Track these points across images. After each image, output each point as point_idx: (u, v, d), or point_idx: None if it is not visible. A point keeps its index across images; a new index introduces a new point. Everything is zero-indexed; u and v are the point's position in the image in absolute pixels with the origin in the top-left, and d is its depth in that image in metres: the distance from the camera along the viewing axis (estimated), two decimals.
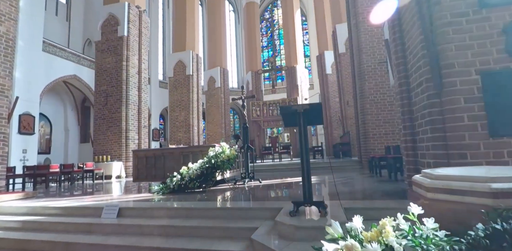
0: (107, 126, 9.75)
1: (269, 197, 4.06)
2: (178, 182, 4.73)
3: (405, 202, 3.03)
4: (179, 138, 14.07)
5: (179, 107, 14.43)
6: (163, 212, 3.45)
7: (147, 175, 5.57)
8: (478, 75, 2.70)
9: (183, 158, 5.39)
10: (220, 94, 17.12)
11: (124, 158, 9.46)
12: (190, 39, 15.33)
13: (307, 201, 2.65)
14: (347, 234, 1.27)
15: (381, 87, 7.93)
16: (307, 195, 2.68)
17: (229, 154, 4.77)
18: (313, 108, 2.74)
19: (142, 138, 10.20)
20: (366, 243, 1.12)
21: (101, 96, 10.05)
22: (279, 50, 25.54)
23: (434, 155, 2.83)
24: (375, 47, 8.10)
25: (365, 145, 8.00)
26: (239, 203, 3.52)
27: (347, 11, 9.16)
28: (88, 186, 7.02)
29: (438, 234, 0.97)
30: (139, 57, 10.75)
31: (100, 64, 10.34)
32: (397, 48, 3.54)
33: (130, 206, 3.72)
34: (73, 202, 4.29)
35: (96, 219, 3.55)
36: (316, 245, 2.14)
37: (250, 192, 4.59)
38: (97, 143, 9.75)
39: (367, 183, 4.71)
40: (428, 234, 0.97)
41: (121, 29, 10.30)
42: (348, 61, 12.84)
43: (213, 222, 3.08)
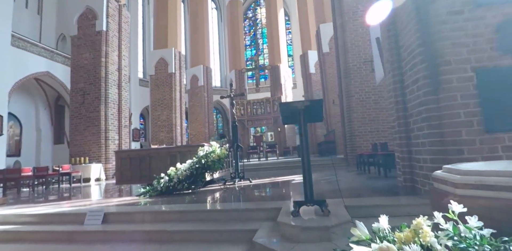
0: (85, 125, 9.23)
1: (263, 197, 3.95)
2: (166, 184, 4.52)
3: (406, 198, 3.04)
4: (161, 138, 13.64)
5: (161, 106, 13.99)
6: (154, 216, 3.25)
7: (131, 177, 5.28)
8: (473, 72, 2.73)
9: (170, 159, 5.16)
10: (203, 93, 16.80)
11: (103, 159, 9.00)
12: (172, 36, 14.91)
13: (309, 200, 2.56)
14: (375, 236, 1.18)
15: (366, 85, 8.05)
16: (308, 195, 2.60)
17: (220, 154, 4.62)
18: (313, 105, 2.66)
19: (123, 139, 9.77)
20: (400, 245, 1.04)
21: (78, 94, 9.51)
22: (262, 49, 25.49)
23: (431, 151, 2.84)
24: (361, 47, 8.20)
25: (351, 143, 8.09)
26: (235, 204, 3.39)
27: (333, 11, 9.23)
28: (66, 190, 6.59)
29: (484, 233, 0.91)
30: (119, 53, 10.28)
31: (76, 60, 9.79)
32: (391, 45, 3.55)
33: (116, 211, 3.47)
34: (50, 208, 3.96)
35: (78, 227, 3.28)
36: (324, 246, 2.06)
37: (242, 193, 4.45)
38: (73, 144, 9.22)
39: (358, 181, 4.72)
40: (476, 234, 0.89)
41: (100, 23, 9.79)
42: (332, 60, 13.00)
43: (209, 225, 2.93)
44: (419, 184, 3.13)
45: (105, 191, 6.03)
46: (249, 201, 3.66)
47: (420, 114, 3.01)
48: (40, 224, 3.50)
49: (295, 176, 6.10)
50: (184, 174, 4.49)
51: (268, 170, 8.37)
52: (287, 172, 7.35)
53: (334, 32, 9.13)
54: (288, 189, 4.48)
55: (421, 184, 3.08)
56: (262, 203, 3.28)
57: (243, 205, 3.28)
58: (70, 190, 6.47)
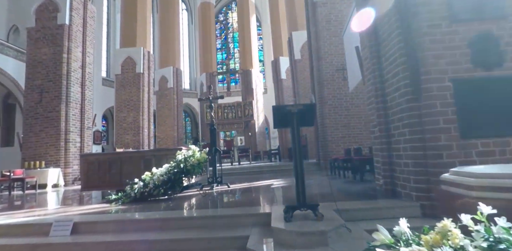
0: (42, 126, 8.41)
1: (247, 202, 3.86)
2: (141, 190, 4.23)
3: (390, 201, 3.15)
4: (126, 141, 12.89)
5: (127, 108, 13.25)
6: (131, 225, 3.01)
7: (99, 183, 4.88)
8: (450, 82, 2.94)
9: (144, 163, 4.87)
10: (172, 95, 16.27)
11: (62, 163, 8.24)
12: (141, 34, 14.30)
13: (302, 205, 2.54)
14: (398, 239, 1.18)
15: (338, 92, 8.36)
16: (301, 199, 2.58)
17: (199, 158, 4.45)
18: (307, 109, 2.67)
19: (85, 141, 9.06)
20: (429, 248, 1.04)
21: (34, 92, 8.66)
22: (233, 53, 25.50)
23: (412, 156, 2.99)
24: (334, 55, 8.53)
25: (324, 147, 8.32)
26: (220, 211, 3.26)
27: (307, 19, 9.51)
28: (19, 197, 5.90)
29: None
30: (83, 49, 9.59)
31: (33, 54, 8.93)
32: (372, 54, 3.71)
33: (87, 219, 3.16)
34: (5, 218, 3.50)
35: (43, 239, 2.93)
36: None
37: (223, 198, 4.33)
38: (27, 146, 8.33)
39: (336, 185, 4.83)
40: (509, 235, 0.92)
41: (62, 16, 9.07)
42: (303, 67, 13.38)
43: (194, 233, 2.78)
44: (399, 187, 3.27)
45: (68, 198, 5.50)
46: (233, 207, 3.56)
47: (401, 120, 3.17)
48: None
49: (273, 181, 6.09)
50: (161, 179, 4.25)
51: (242, 175, 8.27)
52: (263, 176, 7.33)
53: (308, 40, 9.41)
54: (271, 194, 4.44)
55: (401, 187, 3.22)
56: (249, 209, 3.20)
57: (229, 211, 3.17)
58: (24, 198, 5.80)
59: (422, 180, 2.91)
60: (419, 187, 2.91)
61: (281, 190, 4.70)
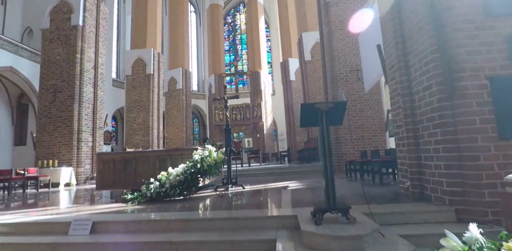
0: (55, 126, 8.45)
1: (267, 204, 3.75)
2: (157, 190, 4.17)
3: (422, 205, 3.00)
4: (136, 141, 12.92)
5: (137, 108, 13.30)
6: (152, 226, 2.93)
7: (114, 182, 4.83)
8: (487, 80, 2.80)
9: (160, 163, 4.80)
10: (181, 96, 16.31)
11: (75, 162, 8.25)
12: (151, 36, 14.38)
13: (333, 207, 2.42)
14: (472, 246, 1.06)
15: (352, 94, 8.22)
16: (331, 201, 2.46)
17: (216, 158, 4.37)
18: (337, 107, 2.57)
19: (97, 141, 9.07)
20: None
21: (48, 92, 8.72)
22: (241, 55, 25.51)
23: (445, 158, 2.85)
24: (347, 55, 8.40)
25: (337, 150, 8.16)
26: (242, 212, 3.15)
27: (319, 20, 9.41)
28: (33, 196, 5.88)
29: None
30: (96, 50, 9.65)
31: (47, 55, 9.01)
32: (398, 52, 3.58)
33: (107, 219, 3.09)
34: (23, 216, 3.46)
35: (62, 237, 2.87)
36: None
37: (241, 200, 4.23)
38: (41, 145, 8.37)
39: (357, 188, 4.69)
40: None
41: (75, 17, 9.14)
42: (313, 68, 13.28)
43: (217, 235, 2.68)
44: (429, 191, 3.13)
45: (82, 197, 5.46)
46: (252, 209, 3.45)
47: (432, 120, 3.04)
48: (15, 235, 3.02)
49: (287, 183, 5.97)
50: (177, 179, 4.17)
51: (254, 177, 8.16)
52: (275, 178, 7.21)
53: (321, 40, 9.29)
54: (289, 196, 4.32)
55: (432, 191, 3.08)
56: (272, 211, 3.09)
57: (252, 213, 3.06)
58: (39, 196, 5.78)
59: (456, 183, 2.75)
60: (453, 190, 2.76)
61: (299, 192, 4.58)
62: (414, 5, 3.31)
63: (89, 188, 7.09)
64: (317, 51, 13.49)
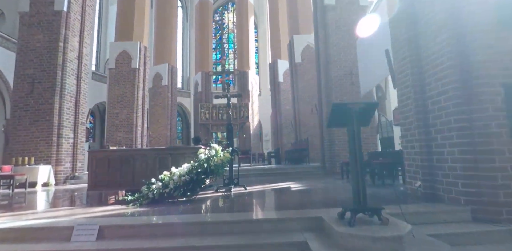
0: (32, 120, 7.77)
1: (280, 206, 3.61)
2: (160, 190, 3.89)
3: (440, 205, 3.01)
4: (118, 139, 12.26)
5: (120, 104, 12.63)
6: (167, 229, 2.68)
7: (109, 182, 4.47)
8: (501, 87, 2.86)
9: (160, 162, 4.52)
10: (167, 93, 15.76)
11: (54, 160, 7.63)
12: (138, 28, 13.75)
13: (366, 208, 2.34)
14: None
15: (346, 97, 8.29)
16: (361, 202, 2.38)
17: (223, 158, 4.17)
18: (368, 108, 2.49)
19: (79, 137, 8.47)
20: None
21: (25, 82, 8.01)
22: (228, 54, 25.21)
23: (461, 160, 2.90)
24: (342, 59, 8.48)
25: (330, 151, 8.21)
26: (263, 214, 2.98)
27: (315, 23, 9.41)
28: (10, 197, 5.33)
29: None
30: (81, 39, 9.03)
31: (25, 41, 8.28)
32: (412, 57, 3.60)
33: (114, 223, 2.80)
34: (10, 221, 3.06)
35: (64, 245, 2.56)
36: None
37: (249, 201, 4.06)
38: (15, 141, 7.66)
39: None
40: None
41: (60, 2, 8.48)
42: (304, 70, 13.34)
43: (242, 238, 2.51)
44: (442, 191, 3.19)
45: (69, 198, 5.01)
46: (269, 210, 3.30)
47: (446, 124, 3.08)
48: (5, 242, 2.65)
49: (287, 183, 5.87)
50: (182, 179, 3.92)
51: (248, 177, 7.96)
52: (271, 179, 7.09)
53: (316, 43, 9.31)
54: (298, 197, 4.20)
55: (445, 191, 3.14)
56: (294, 213, 2.95)
57: (273, 214, 2.91)
58: (16, 197, 5.24)
59: (472, 184, 2.84)
60: (469, 191, 2.83)
61: (305, 193, 4.48)
62: (430, 14, 3.34)
63: (71, 189, 6.57)
64: (308, 53, 13.58)
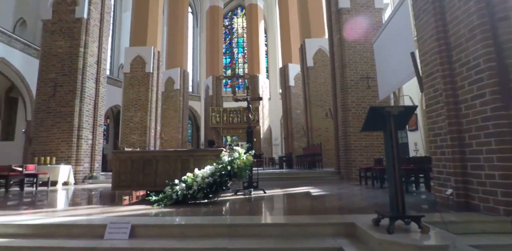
0: (54, 121, 8.01)
1: (303, 210, 3.62)
2: (184, 192, 3.96)
3: (478, 215, 2.94)
4: (132, 141, 12.47)
5: (134, 107, 12.88)
6: (197, 230, 2.74)
7: (131, 183, 4.56)
8: None
9: (182, 163, 4.59)
10: (179, 97, 15.98)
11: (74, 160, 7.82)
12: (152, 34, 14.07)
13: (405, 215, 2.34)
14: None
15: (362, 101, 8.28)
16: (400, 208, 2.38)
17: (246, 160, 4.22)
18: (407, 112, 2.51)
19: (97, 139, 8.67)
20: None
21: (48, 86, 8.28)
22: (237, 58, 25.46)
23: (501, 167, 2.83)
24: (358, 63, 8.48)
25: (346, 156, 8.16)
26: (293, 218, 3.00)
27: (329, 26, 9.47)
28: (35, 195, 5.48)
29: None
30: (99, 45, 9.30)
31: (48, 47, 8.59)
32: (442, 60, 3.60)
33: (146, 222, 2.87)
34: (42, 217, 3.17)
35: (97, 242, 2.63)
36: None
37: (271, 204, 4.09)
38: (37, 141, 7.89)
39: (383, 196, 4.64)
40: None
41: (80, 10, 8.80)
42: (316, 74, 13.38)
43: (273, 242, 2.54)
44: (477, 200, 3.10)
45: (92, 197, 5.14)
46: (293, 215, 3.32)
47: (483, 129, 3.03)
48: (39, 238, 2.74)
49: (305, 188, 5.87)
50: (206, 181, 3.98)
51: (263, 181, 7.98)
52: (287, 183, 7.10)
53: (330, 47, 9.36)
54: (321, 202, 4.21)
55: (481, 200, 3.05)
56: (324, 218, 2.97)
57: (304, 219, 2.92)
58: (41, 195, 5.39)
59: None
60: (509, 200, 2.74)
61: (328, 198, 4.48)
62: (463, 14, 3.33)
63: (90, 188, 6.72)
64: (320, 57, 13.64)
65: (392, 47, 6.05)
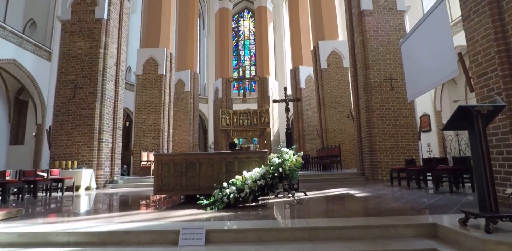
0: (74, 124, 7.85)
1: (365, 211, 3.51)
2: (235, 195, 3.84)
3: None
4: (146, 144, 12.31)
5: (147, 109, 12.74)
6: (275, 235, 2.62)
7: (174, 186, 4.43)
8: None
9: (226, 166, 4.48)
10: (189, 99, 15.87)
11: (95, 165, 7.66)
12: (164, 36, 13.99)
13: (501, 214, 2.26)
14: None
15: (386, 102, 8.22)
16: (493, 208, 2.30)
17: (295, 162, 4.11)
18: (495, 110, 2.43)
19: (116, 142, 8.51)
20: None
21: (67, 88, 8.13)
22: (243, 60, 25.42)
23: None
24: (381, 64, 8.44)
25: (371, 158, 8.09)
26: (374, 220, 2.87)
27: (350, 28, 9.43)
28: (71, 200, 5.32)
29: None
30: (118, 46, 9.18)
31: (67, 48, 8.45)
32: (502, 60, 3.55)
33: (219, 227, 2.75)
34: (101, 224, 3.04)
35: (173, 249, 2.50)
36: None
37: (326, 206, 3.98)
38: (57, 145, 7.72)
39: (431, 197, 4.54)
40: None
41: (100, 10, 8.69)
42: (329, 76, 13.35)
43: (358, 245, 2.43)
44: None
45: (132, 201, 4.99)
46: (361, 216, 3.22)
47: None
48: (109, 246, 2.61)
49: (341, 189, 5.77)
50: (258, 184, 3.87)
51: None
52: (316, 185, 6.99)
53: (351, 48, 9.32)
54: (372, 203, 4.09)
55: None
56: (400, 219, 2.86)
57: (385, 220, 2.81)
58: (71, 200, 5.23)
59: None
60: None
61: (376, 200, 4.37)
62: None
63: (115, 192, 6.57)
64: (334, 59, 13.62)
65: (425, 49, 6.00)
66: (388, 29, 8.59)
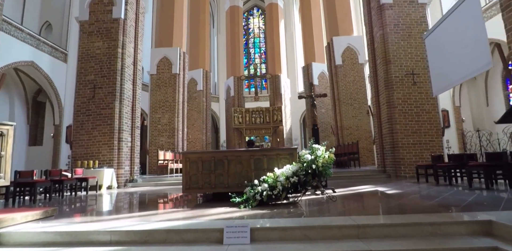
0: (94, 124, 7.91)
1: (404, 208, 3.39)
2: (268, 192, 3.77)
3: None
4: (161, 143, 12.37)
5: (162, 109, 12.79)
6: (321, 232, 2.53)
7: (203, 184, 4.39)
8: None
9: (255, 163, 4.41)
10: (202, 98, 15.87)
11: (115, 164, 7.70)
12: (177, 35, 14.00)
13: None
14: None
15: (408, 97, 8.02)
16: None
17: (328, 159, 4.01)
18: None
19: (135, 141, 8.54)
20: None
21: (87, 88, 8.19)
22: (254, 58, 25.32)
23: None
24: (402, 59, 8.23)
25: (393, 154, 7.92)
26: (425, 217, 2.75)
27: (368, 23, 9.21)
28: (98, 199, 5.34)
29: None
30: (135, 45, 9.21)
31: (86, 48, 8.51)
32: None
33: (263, 225, 2.68)
34: (140, 222, 3.00)
35: (219, 247, 2.45)
36: None
37: (361, 204, 3.87)
38: (78, 144, 7.79)
39: (468, 194, 4.38)
40: None
41: (117, 10, 8.71)
42: (344, 72, 13.15)
43: (410, 243, 2.33)
44: None
45: (161, 199, 4.98)
46: (404, 214, 3.10)
47: None
48: (152, 244, 2.57)
49: (367, 187, 5.65)
50: (291, 181, 3.79)
51: None
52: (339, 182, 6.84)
53: (371, 43, 9.11)
54: (408, 200, 3.95)
55: None
56: (450, 215, 2.75)
57: (436, 217, 2.69)
58: (99, 199, 5.25)
59: None
60: None
61: (410, 197, 4.23)
62: None
63: (134, 191, 6.58)
64: (348, 55, 13.41)
65: (454, 41, 5.81)
66: (409, 23, 8.38)
